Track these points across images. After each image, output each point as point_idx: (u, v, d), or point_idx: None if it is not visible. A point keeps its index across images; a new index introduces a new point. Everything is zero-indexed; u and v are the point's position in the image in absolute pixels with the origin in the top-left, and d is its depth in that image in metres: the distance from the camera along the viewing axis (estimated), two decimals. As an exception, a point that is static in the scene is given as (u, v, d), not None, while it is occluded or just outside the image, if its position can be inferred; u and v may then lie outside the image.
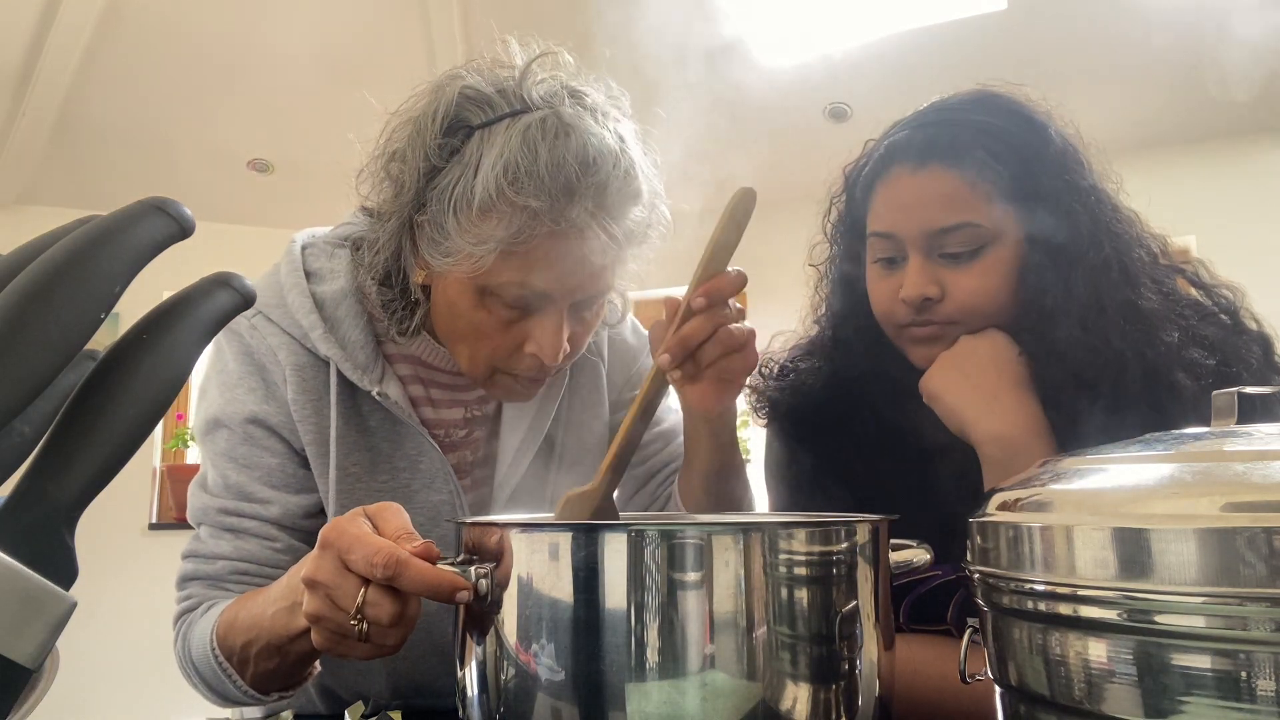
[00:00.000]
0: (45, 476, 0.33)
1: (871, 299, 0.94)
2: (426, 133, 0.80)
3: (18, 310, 0.30)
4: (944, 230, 0.86)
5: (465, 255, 0.79)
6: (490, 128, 0.78)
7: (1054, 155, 0.88)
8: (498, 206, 0.77)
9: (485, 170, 0.76)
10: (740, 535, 0.51)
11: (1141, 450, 0.45)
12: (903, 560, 0.62)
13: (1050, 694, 0.44)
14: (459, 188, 0.78)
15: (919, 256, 0.88)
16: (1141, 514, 0.40)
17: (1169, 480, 0.41)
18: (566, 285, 0.81)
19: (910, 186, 0.88)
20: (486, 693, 0.55)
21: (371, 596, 0.58)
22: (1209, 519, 0.38)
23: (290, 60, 3.63)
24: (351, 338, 0.88)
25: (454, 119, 0.80)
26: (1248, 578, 0.36)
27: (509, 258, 0.78)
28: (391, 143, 0.84)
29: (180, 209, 0.34)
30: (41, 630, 0.31)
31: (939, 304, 0.87)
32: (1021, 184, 0.86)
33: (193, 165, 4.07)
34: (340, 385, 0.88)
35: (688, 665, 0.50)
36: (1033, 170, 0.87)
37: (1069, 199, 0.87)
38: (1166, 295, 0.89)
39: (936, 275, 0.87)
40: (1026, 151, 0.87)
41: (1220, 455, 0.42)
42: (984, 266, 0.87)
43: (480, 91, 0.80)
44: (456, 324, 0.85)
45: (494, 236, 0.77)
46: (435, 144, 0.79)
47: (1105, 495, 0.43)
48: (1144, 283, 0.88)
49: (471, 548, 0.59)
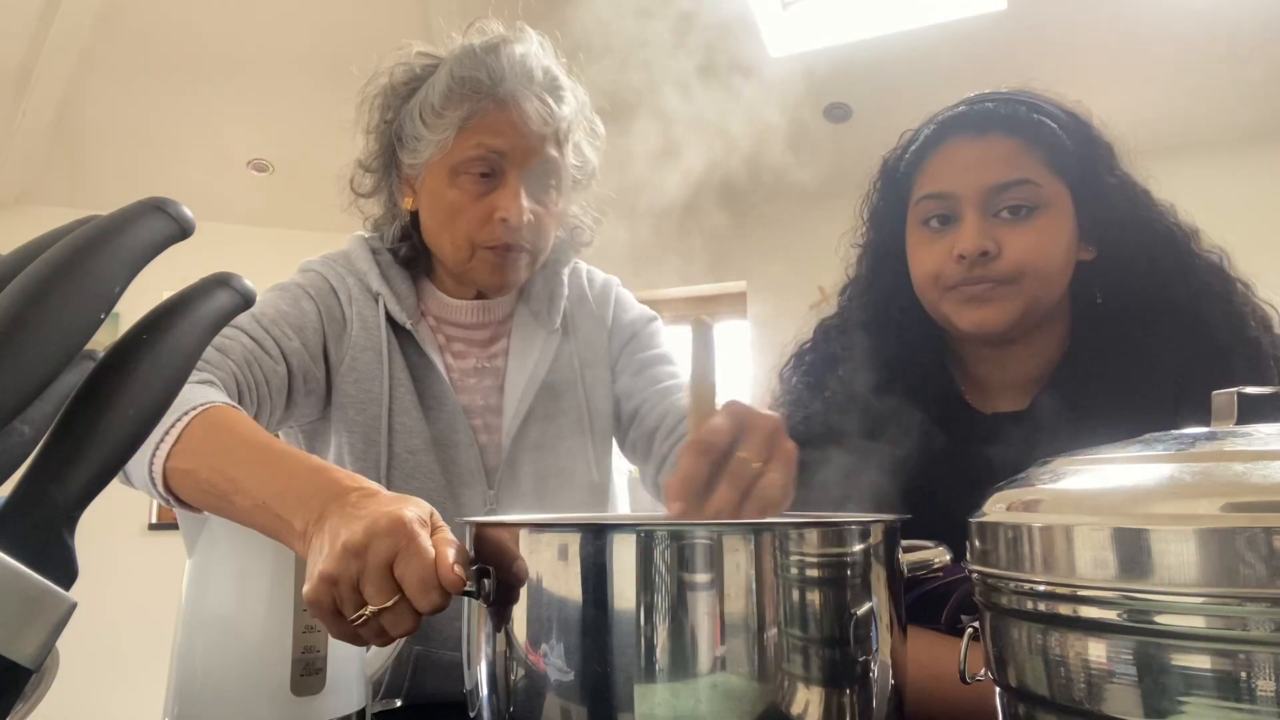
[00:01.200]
0: (45, 476, 0.33)
1: (916, 264, 0.95)
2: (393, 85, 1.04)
3: (18, 310, 0.30)
4: (1003, 185, 0.88)
5: (434, 144, 1.00)
6: (439, 66, 1.02)
7: (1097, 140, 0.93)
8: (451, 97, 0.99)
9: (439, 81, 1.00)
10: (751, 536, 0.51)
11: (1141, 450, 0.45)
12: (921, 560, 0.62)
13: (1050, 694, 0.44)
14: (422, 101, 1.01)
15: (976, 213, 0.89)
16: (1141, 514, 0.40)
17: (1169, 480, 0.41)
18: (516, 145, 0.99)
19: (970, 149, 0.91)
20: (496, 693, 0.55)
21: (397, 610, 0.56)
22: (1209, 519, 0.38)
23: (290, 60, 3.63)
24: (398, 286, 1.08)
25: (410, 72, 1.04)
26: (1248, 578, 0.36)
27: (466, 132, 0.99)
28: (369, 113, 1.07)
29: (180, 209, 0.34)
30: (41, 630, 0.31)
31: (994, 261, 0.88)
32: (1071, 159, 0.90)
33: (193, 165, 4.07)
34: (387, 325, 1.05)
35: (698, 667, 0.49)
36: (1081, 150, 0.91)
37: (1114, 180, 0.91)
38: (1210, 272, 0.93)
39: (993, 232, 0.88)
40: (1074, 134, 0.91)
41: (1220, 455, 0.42)
42: (1039, 226, 0.88)
43: (429, 53, 1.05)
44: (437, 213, 1.03)
45: (453, 120, 0.98)
46: (401, 89, 1.04)
47: (1105, 495, 0.43)
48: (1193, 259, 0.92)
49: (481, 547, 0.59)
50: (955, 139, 0.93)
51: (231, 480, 0.69)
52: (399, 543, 0.56)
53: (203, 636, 0.74)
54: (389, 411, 1.03)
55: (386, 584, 0.56)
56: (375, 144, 1.07)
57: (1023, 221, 0.89)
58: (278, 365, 0.96)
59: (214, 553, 0.77)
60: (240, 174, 4.20)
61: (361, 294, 1.06)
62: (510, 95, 0.98)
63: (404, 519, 0.57)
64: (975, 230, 0.88)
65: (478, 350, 1.12)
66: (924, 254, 0.94)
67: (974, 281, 0.89)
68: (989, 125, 0.91)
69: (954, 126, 0.93)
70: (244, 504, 0.68)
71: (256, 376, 0.93)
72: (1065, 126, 0.91)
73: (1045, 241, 0.88)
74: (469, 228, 1.01)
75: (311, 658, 0.73)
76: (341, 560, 0.56)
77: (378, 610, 0.55)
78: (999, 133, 0.90)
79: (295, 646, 0.72)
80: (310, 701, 0.73)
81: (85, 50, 3.47)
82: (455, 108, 0.98)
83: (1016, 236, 0.88)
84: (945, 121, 0.94)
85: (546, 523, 0.64)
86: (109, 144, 3.92)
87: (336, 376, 1.03)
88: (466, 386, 1.09)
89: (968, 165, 0.90)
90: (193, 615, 0.75)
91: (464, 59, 0.99)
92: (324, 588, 0.56)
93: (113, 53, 3.51)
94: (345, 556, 0.56)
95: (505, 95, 0.98)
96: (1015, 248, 0.88)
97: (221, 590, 0.75)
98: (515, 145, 0.99)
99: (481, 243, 1.01)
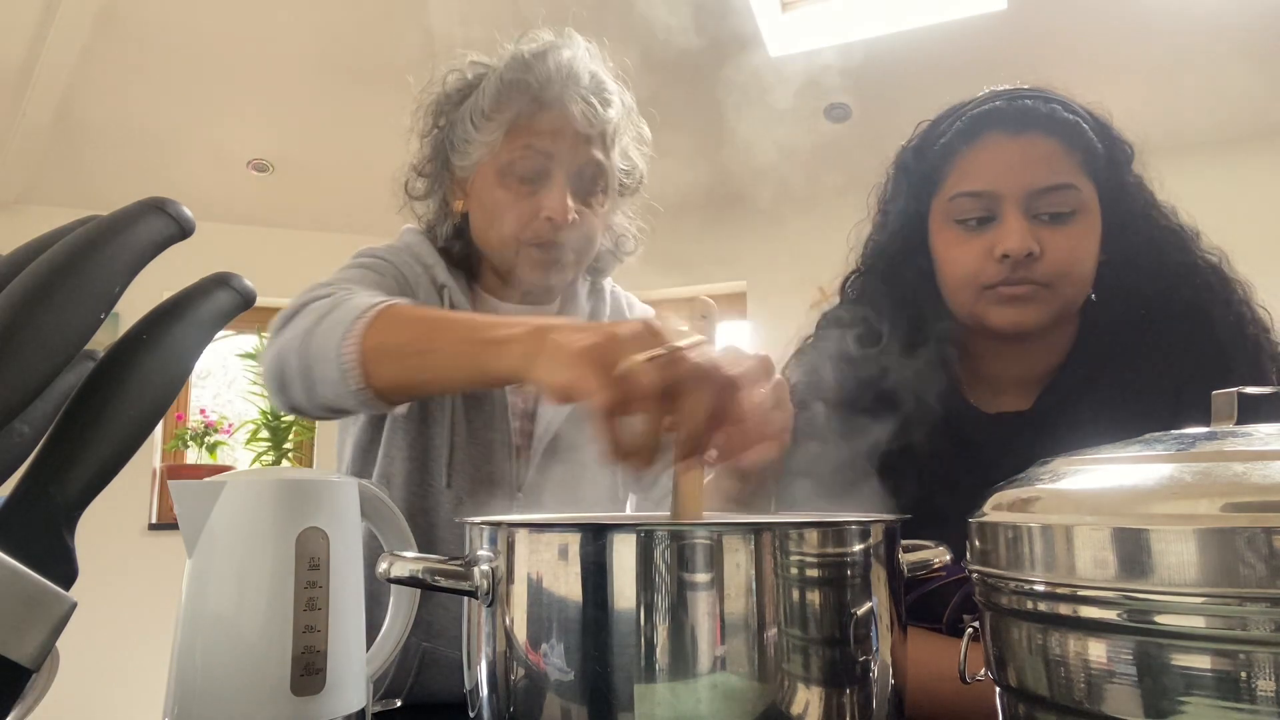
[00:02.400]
0: (45, 476, 0.33)
1: (950, 263, 0.94)
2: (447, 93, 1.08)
3: (18, 310, 0.30)
4: (1047, 189, 0.88)
5: (484, 146, 1.03)
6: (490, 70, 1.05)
7: (1119, 141, 0.94)
8: (500, 101, 1.02)
9: (489, 85, 1.03)
10: (751, 535, 0.51)
11: (1141, 450, 0.45)
12: (920, 560, 0.62)
13: (1050, 694, 0.44)
14: (473, 106, 1.04)
15: (1018, 214, 0.89)
16: (1141, 514, 0.40)
17: (1169, 480, 0.41)
18: (561, 146, 1.02)
19: (1011, 148, 0.90)
20: (496, 692, 0.55)
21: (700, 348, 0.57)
22: (1209, 519, 0.38)
23: (290, 60, 3.63)
24: (459, 281, 1.11)
25: (464, 79, 1.08)
26: (1248, 578, 0.36)
27: (514, 134, 1.02)
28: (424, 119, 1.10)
29: (180, 209, 0.35)
30: (41, 630, 0.31)
31: (1036, 263, 0.88)
32: (1101, 162, 0.91)
33: (193, 165, 4.07)
34: None
35: (698, 667, 0.49)
36: (1108, 153, 0.92)
37: (1132, 180, 0.94)
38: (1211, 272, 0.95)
39: (1035, 233, 0.88)
40: (1101, 136, 0.92)
41: (1220, 455, 0.42)
42: (1076, 230, 0.89)
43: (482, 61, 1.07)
44: (485, 212, 1.06)
45: (502, 122, 1.02)
46: (454, 95, 1.07)
47: (1105, 495, 0.43)
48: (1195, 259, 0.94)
49: (481, 546, 0.59)
50: (994, 133, 0.91)
51: (431, 337, 0.74)
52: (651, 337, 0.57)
53: (203, 636, 0.74)
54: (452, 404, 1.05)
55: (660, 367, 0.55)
56: (429, 149, 1.11)
57: (1063, 225, 0.89)
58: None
59: (214, 553, 0.77)
60: (240, 174, 4.19)
61: (428, 283, 1.08)
62: (556, 98, 1.01)
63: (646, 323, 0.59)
64: (1021, 231, 0.87)
65: None
66: (959, 253, 0.92)
67: (1015, 282, 0.88)
68: (1028, 123, 0.90)
69: (990, 122, 0.92)
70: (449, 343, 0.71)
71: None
72: (1094, 128, 0.92)
73: (1082, 245, 0.89)
74: (515, 225, 1.03)
75: (311, 658, 0.73)
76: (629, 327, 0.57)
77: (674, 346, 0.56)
78: (1039, 132, 0.90)
79: (295, 646, 0.72)
80: (310, 701, 0.73)
81: (85, 50, 3.47)
82: (503, 111, 1.02)
83: (1057, 239, 0.88)
84: (979, 116, 0.92)
85: (547, 522, 0.64)
86: (109, 144, 3.92)
87: None
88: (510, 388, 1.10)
89: (1010, 165, 0.89)
90: (193, 615, 0.75)
91: (513, 64, 1.02)
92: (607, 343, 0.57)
93: (112, 52, 3.51)
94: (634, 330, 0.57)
95: (551, 98, 1.01)
96: (1055, 249, 0.88)
97: (221, 590, 0.75)
98: (561, 146, 1.02)
99: (527, 240, 1.03)
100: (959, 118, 0.94)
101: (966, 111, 0.94)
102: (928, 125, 0.99)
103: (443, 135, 1.09)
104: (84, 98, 3.69)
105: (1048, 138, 0.89)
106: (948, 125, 0.95)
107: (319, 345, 0.80)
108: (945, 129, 0.95)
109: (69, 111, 3.73)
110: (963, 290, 0.93)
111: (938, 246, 0.95)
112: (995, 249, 0.88)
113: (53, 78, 3.55)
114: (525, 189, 1.03)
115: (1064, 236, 0.88)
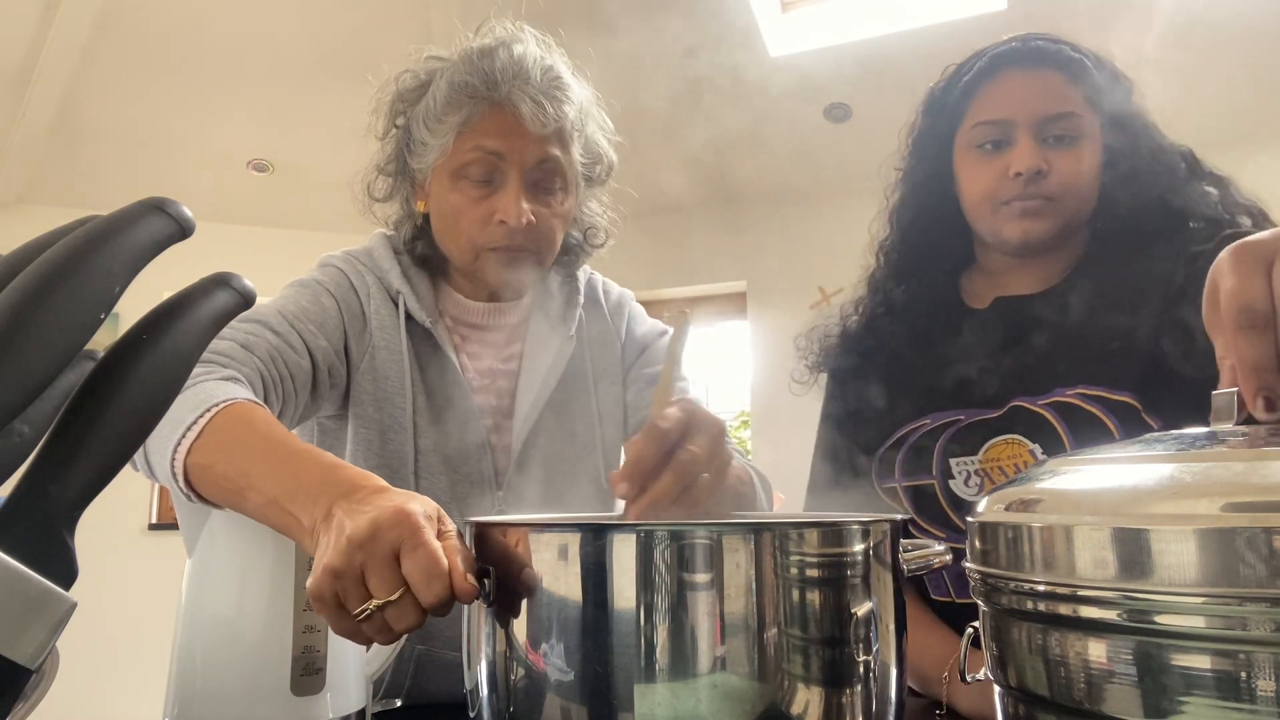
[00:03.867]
0: (45, 476, 0.33)
1: (970, 183, 1.06)
2: (403, 90, 1.06)
3: (18, 310, 0.30)
4: (1054, 116, 1.01)
5: (436, 148, 1.02)
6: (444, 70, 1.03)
7: (1120, 78, 1.07)
8: (450, 102, 1.00)
9: (441, 86, 1.02)
10: (751, 535, 0.51)
11: (1141, 450, 0.45)
12: (921, 560, 0.62)
13: (1050, 694, 0.44)
14: (426, 106, 1.03)
15: (1029, 138, 1.01)
16: (1141, 514, 0.40)
17: (1169, 480, 0.41)
18: (513, 146, 1.00)
19: (1025, 81, 1.04)
20: (496, 692, 0.55)
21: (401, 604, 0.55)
22: (1209, 519, 0.38)
23: (290, 60, 3.63)
24: (418, 286, 1.10)
25: (418, 77, 1.05)
26: (1248, 578, 0.36)
27: (465, 137, 1.00)
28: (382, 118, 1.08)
29: (180, 209, 0.34)
30: (41, 630, 0.31)
31: (1044, 180, 1.00)
32: (1103, 95, 1.03)
33: (193, 165, 4.07)
34: (407, 323, 1.07)
35: (698, 667, 0.49)
36: (1109, 86, 1.04)
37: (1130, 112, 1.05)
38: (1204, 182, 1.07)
39: (1044, 154, 1.01)
40: (1104, 73, 1.05)
41: (1220, 455, 0.42)
42: (1079, 153, 1.02)
43: (438, 56, 1.06)
44: (444, 216, 1.05)
45: (451, 125, 1.00)
46: (410, 94, 1.05)
47: (1105, 495, 0.43)
48: (1174, 164, 1.06)
49: (482, 546, 0.59)
50: (1011, 70, 1.05)
51: (246, 476, 0.70)
52: (403, 535, 0.55)
53: (203, 636, 0.74)
54: (414, 409, 1.04)
55: (391, 576, 0.55)
56: (389, 149, 1.10)
57: (1067, 148, 1.01)
58: (302, 360, 0.97)
59: (214, 553, 0.77)
60: (240, 174, 4.20)
61: (380, 292, 1.07)
62: (505, 98, 0.99)
63: (409, 511, 0.56)
64: (1031, 151, 1.00)
65: (493, 352, 1.13)
66: (978, 173, 1.05)
67: (1028, 197, 1.01)
68: (1040, 60, 1.04)
69: (1008, 60, 1.05)
70: (257, 500, 0.69)
71: (281, 372, 0.93)
72: (1096, 66, 1.04)
73: (1084, 165, 1.02)
74: (471, 230, 1.02)
75: (311, 658, 0.73)
76: (346, 553, 0.55)
77: (382, 604, 0.55)
78: (1049, 67, 1.03)
79: (295, 646, 0.72)
80: (310, 701, 0.73)
81: (85, 50, 3.47)
82: (454, 112, 1.00)
83: (1062, 160, 1.01)
84: (999, 55, 1.06)
85: (547, 523, 0.64)
86: (109, 144, 3.92)
87: (356, 373, 1.04)
88: (480, 387, 1.10)
89: (1024, 96, 1.02)
90: (193, 615, 0.75)
91: (461, 64, 1.01)
92: (327, 581, 0.56)
93: (113, 53, 3.51)
94: (350, 549, 0.55)
95: (500, 98, 0.99)
96: (1061, 168, 1.01)
97: (221, 590, 0.75)
98: (513, 147, 1.00)
99: (484, 245, 1.03)
100: (981, 58, 1.08)
101: (987, 53, 1.08)
102: (954, 68, 1.12)
103: (401, 136, 1.08)
104: (84, 99, 3.69)
105: (1056, 72, 1.03)
106: (970, 65, 1.09)
107: (155, 442, 0.78)
108: (968, 68, 1.09)
109: (69, 112, 3.73)
110: (982, 206, 1.05)
111: (960, 170, 1.08)
112: (1010, 168, 1.01)
113: (53, 79, 3.55)
114: (479, 192, 1.02)
115: (1069, 158, 1.01)
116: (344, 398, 1.05)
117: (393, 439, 1.03)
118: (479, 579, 0.56)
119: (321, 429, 1.08)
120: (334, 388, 1.02)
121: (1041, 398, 0.98)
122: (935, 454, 1.03)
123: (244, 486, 0.70)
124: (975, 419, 1.02)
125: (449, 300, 1.12)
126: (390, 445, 1.03)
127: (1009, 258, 1.09)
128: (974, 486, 1.00)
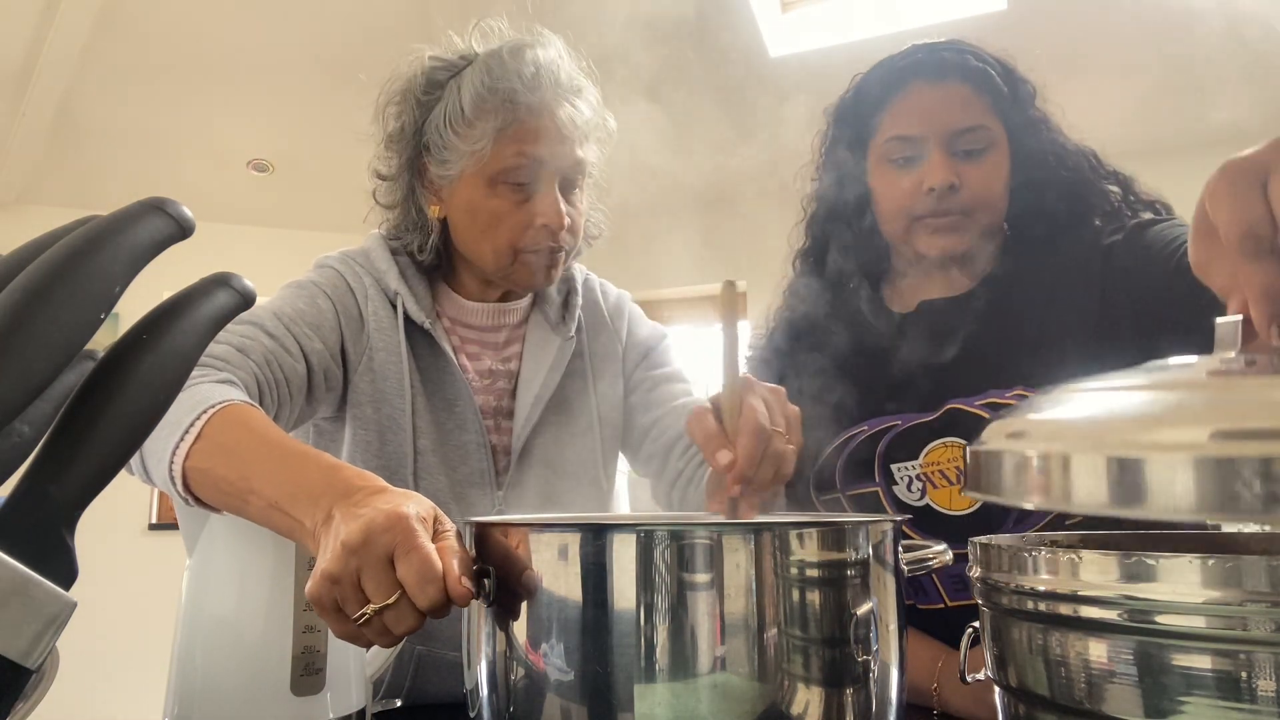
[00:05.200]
0: (45, 476, 0.33)
1: (884, 198, 1.07)
2: (412, 94, 1.03)
3: (18, 310, 0.30)
4: (963, 130, 1.02)
5: (469, 155, 0.99)
6: (460, 73, 1.01)
7: (1023, 81, 1.08)
8: (484, 107, 0.98)
9: (466, 89, 0.99)
10: (751, 535, 0.51)
11: (1144, 378, 0.45)
12: (920, 560, 0.62)
13: (1050, 694, 0.44)
14: (449, 110, 1.00)
15: (941, 152, 1.02)
16: (1141, 442, 0.40)
17: (1174, 406, 0.40)
18: (554, 151, 1.00)
19: (933, 95, 1.04)
20: (496, 692, 0.55)
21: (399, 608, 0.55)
22: (1202, 447, 0.37)
23: (290, 60, 3.63)
24: (415, 287, 1.08)
25: (429, 79, 1.02)
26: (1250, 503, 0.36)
27: (504, 142, 0.98)
28: (386, 122, 1.05)
29: (180, 209, 0.34)
30: (41, 630, 0.31)
31: (956, 194, 1.01)
32: (1007, 102, 1.05)
33: (193, 165, 4.07)
34: (405, 324, 1.06)
35: (698, 667, 0.49)
36: (1012, 93, 1.05)
37: (1036, 115, 1.07)
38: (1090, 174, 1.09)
39: (955, 168, 1.01)
40: (1007, 80, 1.06)
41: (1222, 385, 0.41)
42: (989, 163, 1.03)
43: (444, 59, 1.03)
44: (477, 223, 1.03)
45: (488, 130, 0.98)
46: (421, 98, 1.02)
47: (1102, 422, 0.43)
48: (1079, 165, 1.08)
49: (482, 546, 0.59)
50: (918, 82, 1.05)
51: (246, 480, 0.70)
52: (397, 539, 0.56)
53: (203, 636, 0.74)
54: (413, 410, 1.03)
55: (386, 580, 0.55)
56: (397, 155, 1.06)
57: (976, 160, 1.02)
58: (298, 364, 0.96)
59: (214, 553, 0.77)
60: (240, 174, 4.20)
61: (378, 293, 1.06)
62: (543, 103, 0.99)
63: (403, 514, 0.57)
64: (943, 166, 1.01)
65: (492, 353, 1.12)
66: (892, 189, 1.05)
67: (941, 214, 1.02)
68: (947, 72, 1.04)
69: (916, 71, 1.06)
70: (258, 504, 0.69)
71: (277, 376, 0.93)
72: (1000, 74, 1.05)
73: (994, 176, 1.03)
74: (511, 235, 1.01)
75: (311, 658, 0.73)
76: (341, 558, 0.56)
77: (379, 608, 0.55)
78: (956, 79, 1.03)
79: (295, 646, 0.72)
80: (310, 701, 0.73)
81: (85, 51, 3.47)
82: (489, 117, 0.98)
83: (972, 173, 1.02)
84: (906, 68, 1.07)
85: (547, 523, 0.64)
86: (109, 144, 3.92)
87: (353, 374, 1.03)
88: (480, 388, 1.10)
89: (933, 109, 1.03)
90: (193, 615, 0.75)
91: (493, 67, 0.98)
92: (325, 586, 0.56)
93: (112, 53, 3.51)
94: (345, 554, 0.56)
95: (539, 103, 0.98)
96: (973, 181, 1.02)
97: (221, 590, 0.75)
98: (553, 151, 1.00)
99: (525, 248, 1.02)
100: (888, 70, 1.08)
101: (894, 64, 1.08)
102: (861, 77, 1.13)
103: (415, 142, 1.04)
104: (84, 98, 3.69)
105: (963, 84, 1.03)
106: (878, 77, 1.09)
107: (153, 445, 0.77)
108: (876, 80, 1.09)
109: (69, 112, 3.73)
110: (897, 219, 1.06)
111: (874, 183, 1.08)
112: (923, 183, 1.01)
113: (53, 78, 3.55)
114: (517, 196, 1.00)
115: (980, 170, 1.02)
116: (341, 400, 1.04)
117: (391, 439, 1.03)
118: (478, 579, 0.56)
119: (318, 430, 1.07)
120: (330, 391, 1.02)
121: (976, 398, 0.97)
122: (876, 461, 1.02)
123: (244, 490, 0.70)
124: (912, 423, 1.01)
125: (447, 301, 1.11)
126: (389, 446, 1.03)
127: (923, 265, 1.09)
128: (916, 491, 0.99)
